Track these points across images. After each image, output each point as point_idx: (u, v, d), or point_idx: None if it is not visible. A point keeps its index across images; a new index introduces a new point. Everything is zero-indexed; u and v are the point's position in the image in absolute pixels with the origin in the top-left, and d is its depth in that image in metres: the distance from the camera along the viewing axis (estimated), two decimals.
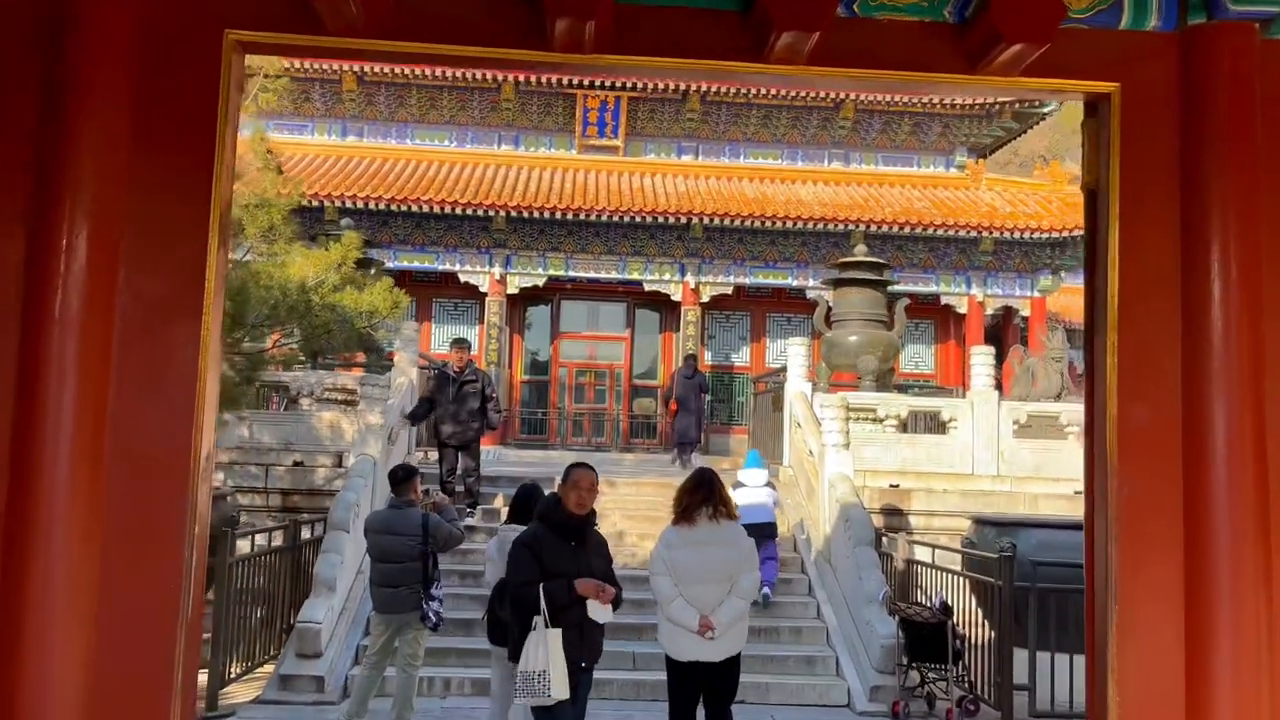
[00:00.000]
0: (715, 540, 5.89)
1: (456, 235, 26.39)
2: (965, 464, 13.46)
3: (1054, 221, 25.84)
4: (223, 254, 4.56)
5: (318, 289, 8.29)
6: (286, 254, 9.17)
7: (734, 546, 6.01)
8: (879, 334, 14.46)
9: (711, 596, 5.82)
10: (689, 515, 5.96)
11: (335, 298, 8.36)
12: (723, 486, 6.17)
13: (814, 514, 11.99)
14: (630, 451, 26.69)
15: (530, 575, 5.40)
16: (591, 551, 5.68)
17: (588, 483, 5.60)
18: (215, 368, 4.59)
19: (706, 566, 5.84)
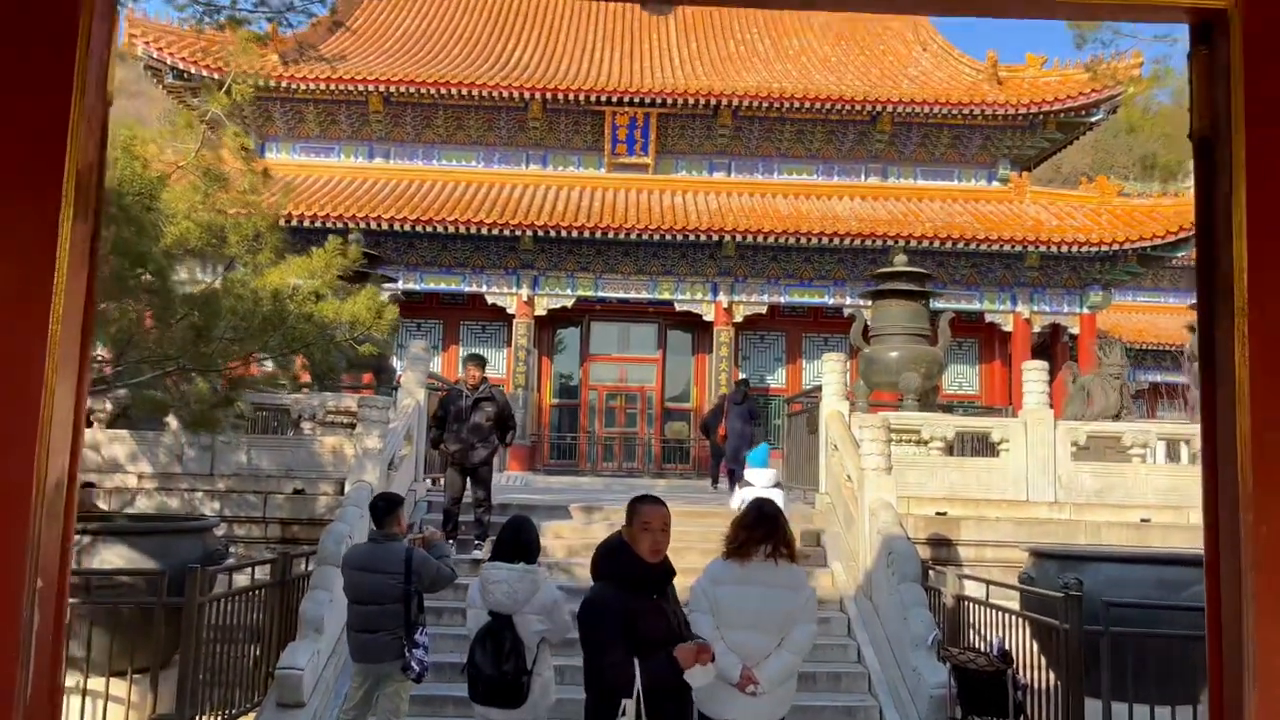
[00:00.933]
0: (770, 582, 4.93)
1: (483, 256, 25.59)
2: (1019, 490, 12.22)
3: (1103, 234, 24.47)
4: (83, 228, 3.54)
5: (293, 297, 7.34)
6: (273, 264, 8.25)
7: (792, 592, 5.00)
8: (921, 349, 13.29)
9: (758, 646, 4.86)
10: (744, 551, 4.99)
11: (313, 307, 7.42)
12: (787, 525, 5.19)
13: (853, 545, 10.83)
14: (663, 477, 25.58)
15: (618, 650, 4.23)
16: (673, 602, 4.60)
17: (661, 521, 4.48)
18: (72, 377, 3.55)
19: (757, 610, 4.89)
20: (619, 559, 4.45)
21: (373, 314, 7.80)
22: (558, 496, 14.24)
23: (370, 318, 7.78)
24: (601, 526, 11.78)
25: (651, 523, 4.43)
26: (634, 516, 4.48)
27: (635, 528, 4.45)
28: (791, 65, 29.02)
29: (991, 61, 26.72)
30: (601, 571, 4.52)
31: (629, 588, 4.35)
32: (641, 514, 4.47)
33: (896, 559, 9.35)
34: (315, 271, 7.81)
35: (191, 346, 6.97)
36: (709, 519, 12.34)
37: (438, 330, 27.29)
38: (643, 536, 4.41)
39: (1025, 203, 26.81)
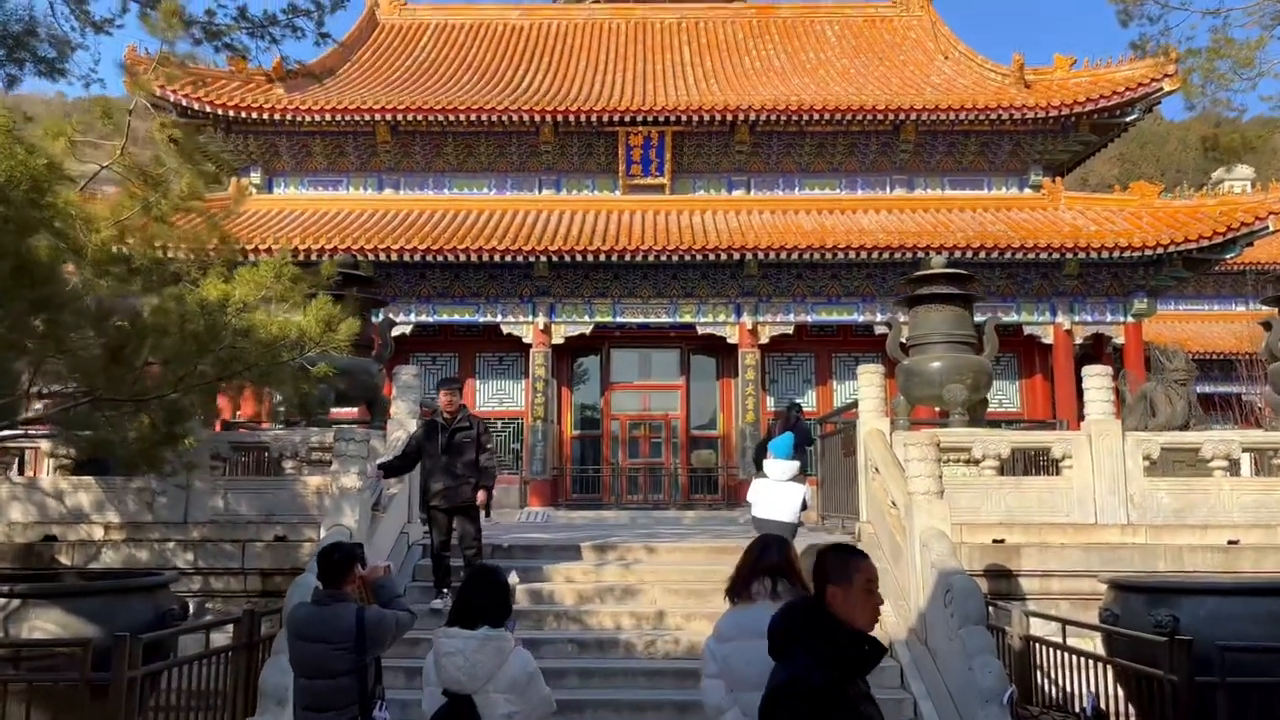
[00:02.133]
0: None
1: (497, 285, 24.40)
2: (1085, 511, 10.68)
3: (1146, 238, 22.86)
4: None
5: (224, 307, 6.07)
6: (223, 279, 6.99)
7: None
8: (967, 358, 11.82)
9: None
10: (743, 590, 4.35)
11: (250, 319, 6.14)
12: (793, 554, 4.50)
13: (902, 581, 9.34)
14: (690, 508, 24.09)
15: None
16: None
17: (873, 577, 3.48)
18: None
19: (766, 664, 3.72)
20: (830, 629, 3.31)
21: (320, 326, 6.49)
22: (571, 534, 12.83)
23: (318, 331, 6.47)
24: (616, 567, 10.36)
25: (871, 581, 3.46)
26: (848, 572, 3.43)
27: (854, 587, 3.40)
28: (809, 78, 27.77)
29: (1018, 64, 25.31)
30: (804, 647, 3.30)
31: (843, 669, 3.25)
32: (861, 569, 3.45)
33: (956, 597, 7.86)
34: (263, 284, 6.52)
35: (104, 372, 5.71)
36: (736, 556, 10.84)
37: (453, 363, 26.07)
38: (863, 600, 3.41)
39: (1060, 209, 25.26)
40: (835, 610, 3.36)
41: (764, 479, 9.94)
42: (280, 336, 6.30)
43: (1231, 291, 34.30)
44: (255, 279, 6.59)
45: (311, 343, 6.55)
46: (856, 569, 3.44)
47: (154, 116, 7.32)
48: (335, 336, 6.67)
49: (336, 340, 6.74)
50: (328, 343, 6.74)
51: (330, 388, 11.64)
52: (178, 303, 6.08)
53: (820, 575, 3.47)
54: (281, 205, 25.61)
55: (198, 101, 24.20)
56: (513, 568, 10.27)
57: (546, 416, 24.10)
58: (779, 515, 9.63)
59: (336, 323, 6.71)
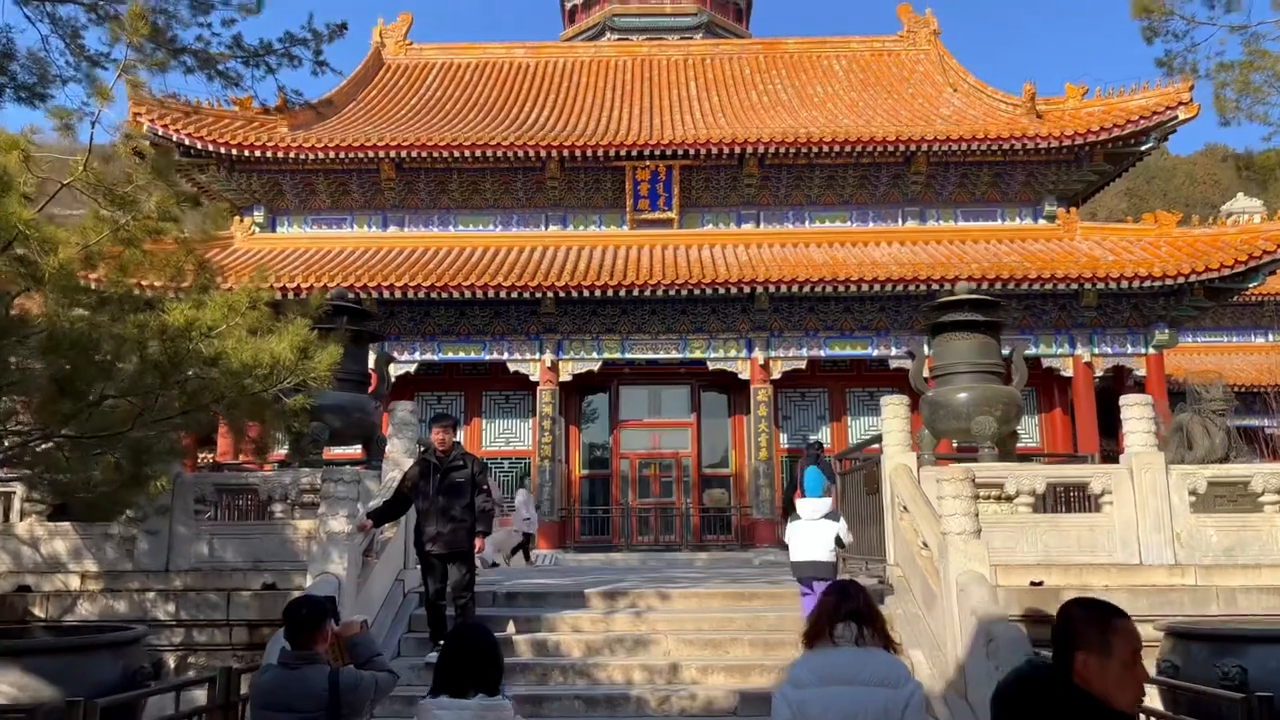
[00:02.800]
0: (860, 677, 3.65)
1: (503, 322, 23.80)
2: (1129, 550, 9.90)
3: (1166, 267, 22.18)
4: None
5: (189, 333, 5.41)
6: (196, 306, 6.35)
7: (890, 690, 3.66)
8: (995, 388, 11.10)
9: None
10: (823, 633, 3.85)
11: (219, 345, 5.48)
12: (873, 602, 3.95)
13: (937, 629, 8.56)
14: (703, 549, 23.29)
15: None
16: None
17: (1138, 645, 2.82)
18: None
19: (846, 715, 3.60)
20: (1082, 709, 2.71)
21: (295, 353, 5.82)
22: (578, 579, 12.06)
23: (292, 358, 5.81)
24: (626, 616, 9.59)
25: (1138, 650, 2.81)
26: (1106, 637, 2.78)
27: (1113, 658, 2.74)
28: (817, 112, 27.33)
29: (1029, 95, 24.82)
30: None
31: None
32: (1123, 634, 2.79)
33: (1000, 648, 7.07)
34: (236, 308, 5.88)
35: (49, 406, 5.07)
36: (755, 602, 10.11)
37: (458, 402, 25.41)
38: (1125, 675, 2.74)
39: (1076, 239, 24.63)
40: (1088, 685, 2.73)
41: (797, 520, 9.28)
42: (251, 364, 5.64)
43: (1250, 323, 33.50)
44: (227, 303, 5.94)
45: (285, 371, 5.88)
46: (1117, 633, 2.79)
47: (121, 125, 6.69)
48: (312, 365, 5.99)
49: (314, 369, 6.06)
50: (304, 372, 6.07)
51: (324, 426, 11.02)
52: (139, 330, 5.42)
53: (1067, 637, 2.86)
54: (285, 244, 25.14)
55: (200, 140, 23.82)
56: (514, 616, 9.55)
57: (554, 456, 23.37)
58: (815, 554, 9.05)
59: (313, 350, 6.03)
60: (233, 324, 5.97)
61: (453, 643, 4.26)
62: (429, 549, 8.70)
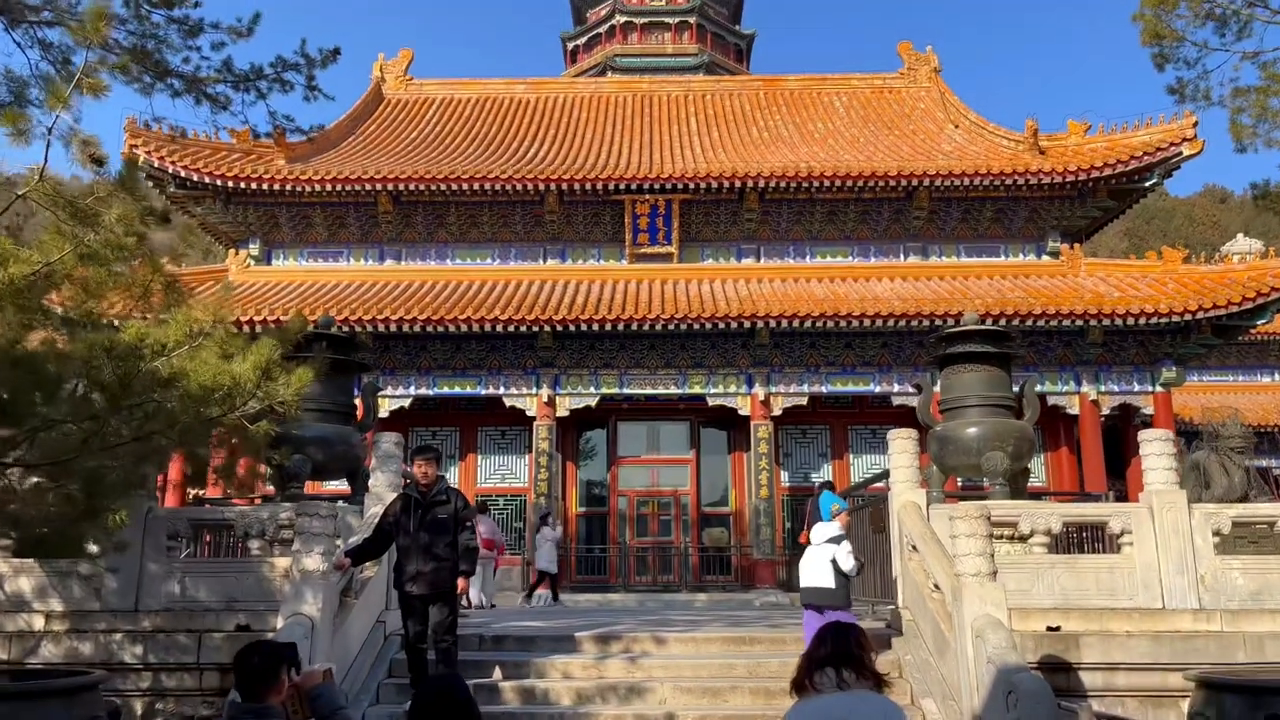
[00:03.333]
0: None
1: (500, 356, 23.34)
2: (1150, 594, 9.36)
3: (1172, 304, 21.75)
4: None
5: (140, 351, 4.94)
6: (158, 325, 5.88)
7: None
8: (1007, 423, 10.61)
9: None
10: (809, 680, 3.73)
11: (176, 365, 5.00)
12: (865, 641, 3.86)
13: (950, 676, 8.00)
14: (702, 590, 22.63)
15: None
16: None
17: None
18: None
19: None
20: None
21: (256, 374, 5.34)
22: (570, 621, 11.48)
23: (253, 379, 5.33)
24: (620, 661, 9.02)
25: None
26: None
27: None
28: (818, 147, 27.09)
29: (1031, 130, 24.56)
30: None
31: None
32: None
33: (1022, 701, 6.52)
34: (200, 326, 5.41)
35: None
36: (756, 647, 9.53)
37: (454, 438, 24.89)
38: None
39: (1081, 275, 24.26)
40: None
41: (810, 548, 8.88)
42: (210, 387, 5.16)
43: (1257, 361, 33.04)
44: (190, 321, 5.47)
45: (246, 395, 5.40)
46: None
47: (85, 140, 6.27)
48: (276, 388, 5.52)
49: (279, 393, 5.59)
50: (268, 396, 5.59)
51: (305, 459, 10.52)
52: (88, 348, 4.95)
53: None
54: (280, 277, 24.76)
55: (196, 172, 23.52)
56: (500, 661, 8.97)
57: (550, 493, 22.79)
58: (818, 580, 8.80)
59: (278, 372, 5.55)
60: (195, 345, 5.48)
61: (422, 697, 3.75)
62: (409, 589, 8.16)
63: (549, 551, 20.17)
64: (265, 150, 24.78)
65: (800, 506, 24.73)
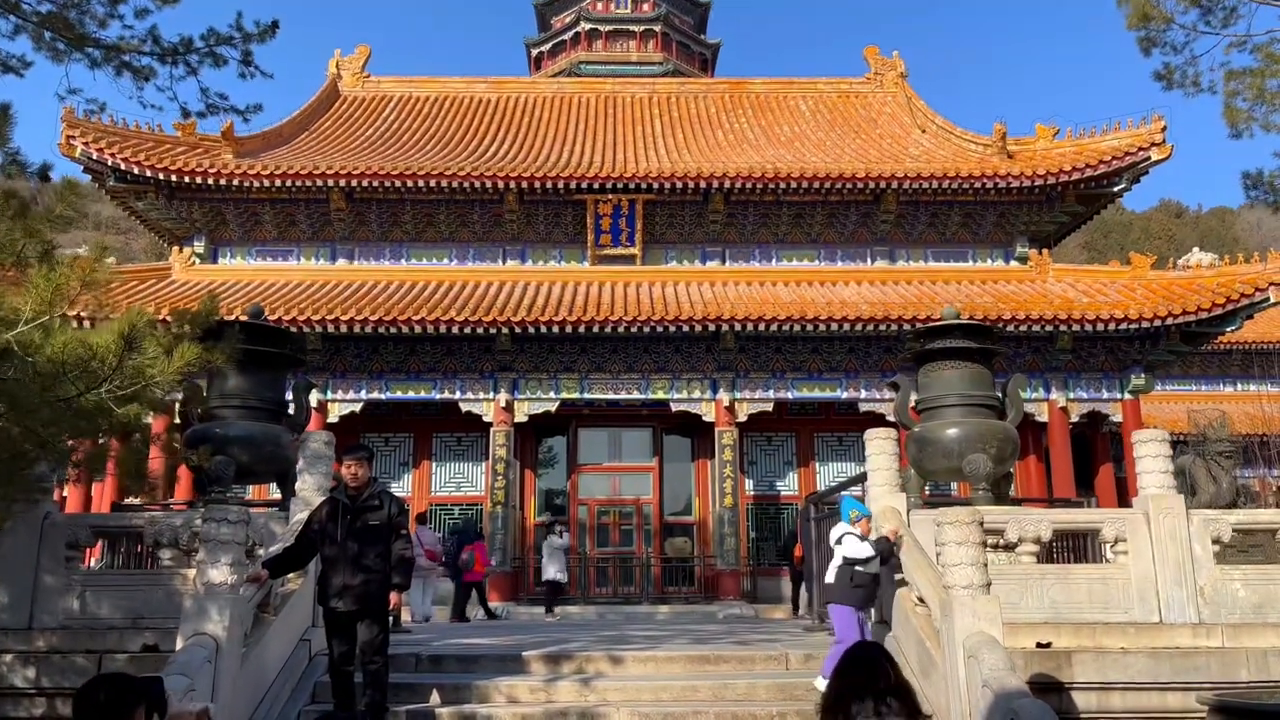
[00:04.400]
0: None
1: (456, 360, 22.29)
2: (1147, 607, 8.61)
3: (1142, 310, 21.26)
4: None
5: None
6: None
7: None
8: (990, 424, 9.85)
9: None
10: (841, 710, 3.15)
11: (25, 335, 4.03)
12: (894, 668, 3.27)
13: (937, 701, 7.15)
14: (664, 602, 21.70)
15: None
16: None
17: None
18: None
19: None
20: None
21: (118, 345, 4.37)
22: (521, 638, 10.52)
23: (114, 350, 4.36)
24: (572, 683, 8.07)
25: None
26: None
27: None
28: (785, 150, 26.40)
29: (999, 134, 24.04)
30: None
31: None
32: None
33: None
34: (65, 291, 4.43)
35: None
36: (722, 666, 8.63)
37: (408, 445, 23.80)
38: None
39: (1049, 281, 23.74)
40: None
41: None
42: (61, 360, 4.18)
43: (1219, 372, 32.85)
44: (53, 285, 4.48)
45: (106, 369, 4.43)
46: None
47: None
48: (145, 363, 4.54)
49: (149, 369, 4.62)
50: (132, 373, 4.61)
51: (229, 460, 9.49)
52: None
53: None
54: (226, 276, 23.55)
55: (138, 165, 22.29)
56: (438, 684, 7.99)
57: (508, 502, 21.76)
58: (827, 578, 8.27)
59: (147, 342, 4.57)
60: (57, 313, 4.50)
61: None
62: (335, 604, 7.17)
63: (558, 561, 19.20)
64: (212, 144, 23.62)
65: (765, 515, 23.95)
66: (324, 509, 7.43)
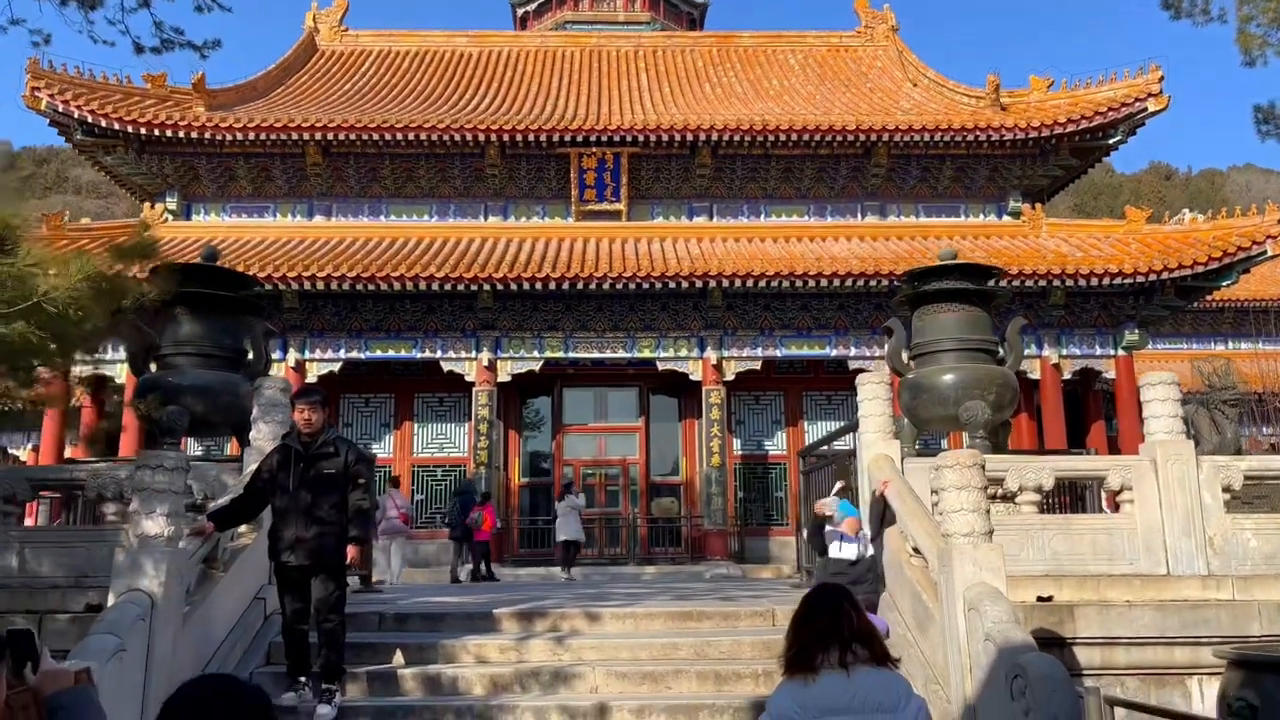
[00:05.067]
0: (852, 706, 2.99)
1: (437, 318, 21.62)
2: (1154, 559, 8.11)
3: (1137, 264, 20.71)
4: None
5: None
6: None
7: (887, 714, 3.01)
8: (988, 369, 9.29)
9: None
10: (805, 661, 3.08)
11: None
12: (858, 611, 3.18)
13: (933, 657, 6.65)
14: (651, 563, 21.23)
15: None
16: None
17: None
18: None
19: None
20: None
21: None
22: (494, 597, 9.98)
23: None
24: (545, 642, 7.53)
25: None
26: None
27: None
28: (774, 104, 25.62)
29: (992, 86, 23.33)
30: None
31: None
32: None
33: (1034, 688, 5.14)
34: None
35: None
36: (705, 624, 8.11)
37: (388, 405, 23.19)
38: None
39: (1042, 235, 23.13)
40: None
41: None
42: None
43: (1210, 330, 32.40)
44: None
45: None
46: None
47: None
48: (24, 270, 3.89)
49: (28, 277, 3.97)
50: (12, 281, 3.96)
51: (182, 410, 8.86)
52: None
53: None
54: (200, 233, 22.74)
55: (105, 118, 21.42)
56: (403, 644, 7.44)
57: (491, 463, 21.20)
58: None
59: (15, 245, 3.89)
60: None
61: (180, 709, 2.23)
62: (286, 558, 6.61)
63: (572, 522, 18.79)
64: (183, 97, 22.74)
65: (752, 475, 23.47)
66: (274, 457, 6.84)
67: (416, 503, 22.63)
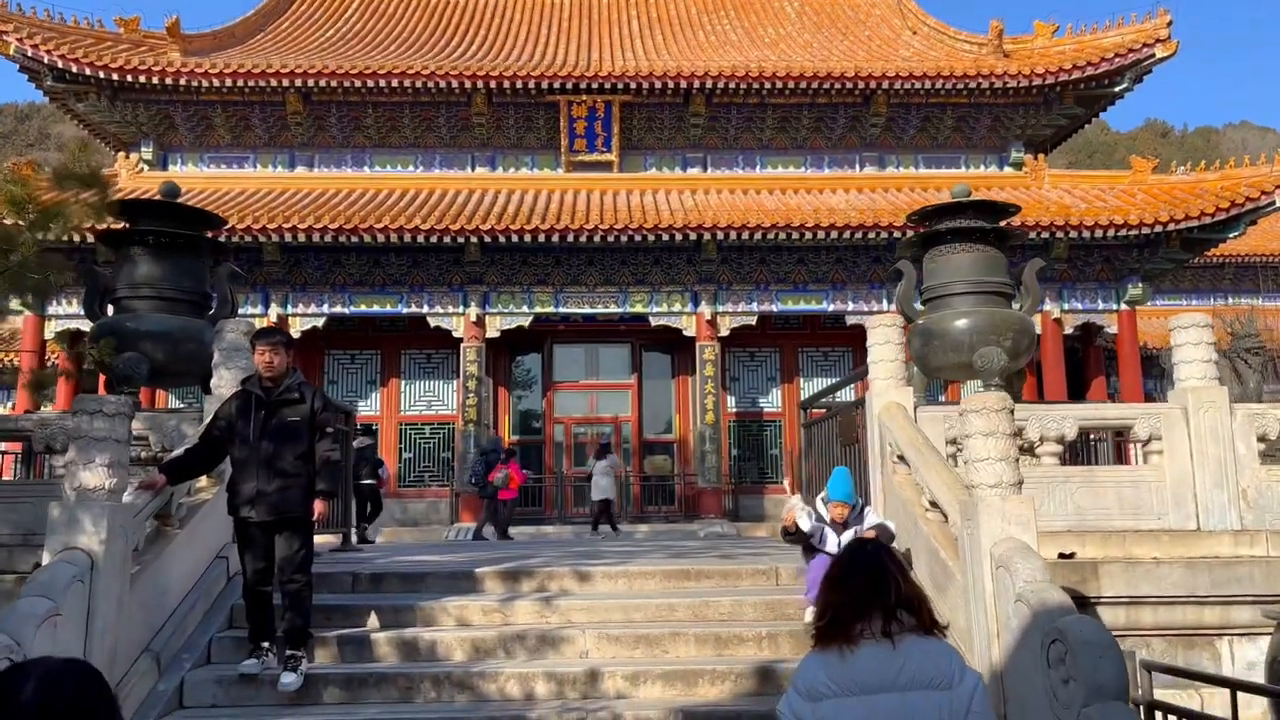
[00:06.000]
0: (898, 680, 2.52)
1: (423, 272, 20.89)
2: (1183, 513, 7.55)
3: (1142, 216, 20.07)
4: None
5: None
6: None
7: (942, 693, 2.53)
8: (1004, 313, 8.67)
9: None
10: (842, 630, 2.60)
11: None
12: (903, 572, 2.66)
13: (955, 619, 6.09)
14: (644, 521, 20.74)
15: None
16: None
17: None
18: None
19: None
20: None
21: None
22: (476, 555, 9.40)
23: None
24: (532, 603, 6.94)
25: None
26: None
27: None
28: (769, 52, 24.73)
29: (995, 32, 22.48)
30: None
31: None
32: None
33: (1077, 655, 4.56)
34: None
35: None
36: (703, 583, 7.53)
37: (374, 362, 22.51)
38: None
39: (1045, 186, 22.45)
40: None
41: None
42: None
43: (1210, 286, 31.82)
44: None
45: None
46: None
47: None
48: None
49: None
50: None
51: (141, 357, 8.17)
52: None
53: None
54: (178, 183, 21.82)
55: (76, 63, 20.46)
56: (377, 606, 6.84)
57: (480, 420, 20.59)
58: None
59: None
60: None
61: None
62: (246, 514, 5.98)
63: (609, 479, 18.23)
64: (158, 41, 21.77)
65: (747, 433, 22.92)
66: (233, 403, 6.18)
67: (404, 461, 22.05)
